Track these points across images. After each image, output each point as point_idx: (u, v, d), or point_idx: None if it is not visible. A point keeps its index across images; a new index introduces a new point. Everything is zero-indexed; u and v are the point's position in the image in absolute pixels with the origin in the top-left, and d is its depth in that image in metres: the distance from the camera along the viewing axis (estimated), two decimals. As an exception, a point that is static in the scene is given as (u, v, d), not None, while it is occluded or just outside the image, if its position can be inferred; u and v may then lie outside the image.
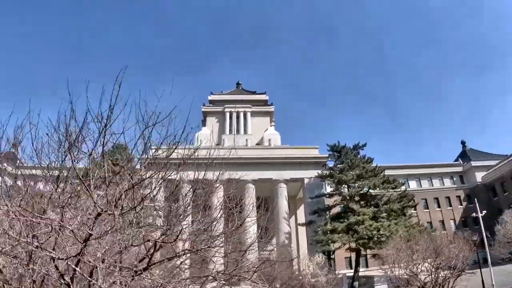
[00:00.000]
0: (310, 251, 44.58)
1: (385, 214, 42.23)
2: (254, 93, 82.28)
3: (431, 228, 54.58)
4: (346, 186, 45.45)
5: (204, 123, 72.74)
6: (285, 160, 53.80)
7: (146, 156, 7.86)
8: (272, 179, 53.12)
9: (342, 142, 49.96)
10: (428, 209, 69.25)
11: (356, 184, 44.17)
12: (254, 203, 16.08)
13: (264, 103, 78.30)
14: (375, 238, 39.55)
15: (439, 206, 70.41)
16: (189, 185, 9.76)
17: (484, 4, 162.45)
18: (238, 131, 70.76)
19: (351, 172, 44.37)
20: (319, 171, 49.70)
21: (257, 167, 52.13)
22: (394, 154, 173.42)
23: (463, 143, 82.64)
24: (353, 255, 48.68)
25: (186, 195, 9.22)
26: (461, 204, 71.02)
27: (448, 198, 71.25)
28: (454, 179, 73.75)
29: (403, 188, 49.50)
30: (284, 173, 53.22)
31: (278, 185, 53.15)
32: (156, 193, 8.42)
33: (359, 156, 47.21)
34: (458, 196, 71.94)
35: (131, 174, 7.33)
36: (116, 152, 8.06)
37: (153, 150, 8.06)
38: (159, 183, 8.07)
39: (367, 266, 54.72)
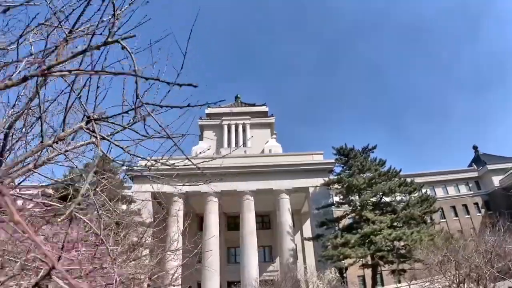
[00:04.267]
0: (319, 269, 39.46)
1: (403, 222, 36.83)
2: (253, 105, 78.64)
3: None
4: (357, 193, 40.11)
5: (201, 137, 68.63)
6: (286, 168, 48.50)
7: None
8: (273, 189, 48.23)
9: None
10: (445, 218, 63.99)
11: (369, 190, 38.68)
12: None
13: (264, 114, 74.44)
14: (395, 250, 34.32)
15: (456, 215, 65.43)
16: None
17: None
18: (237, 144, 66.52)
19: (362, 176, 39.34)
20: (325, 178, 44.77)
21: (256, 177, 47.51)
22: (401, 163, 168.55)
23: (475, 147, 78.43)
24: (368, 271, 43.41)
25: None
26: (479, 212, 65.96)
27: (465, 206, 66.19)
28: (470, 185, 68.88)
29: (422, 191, 44.39)
30: (286, 183, 48.16)
31: (280, 196, 48.00)
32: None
33: (369, 158, 42.36)
34: (476, 203, 66.85)
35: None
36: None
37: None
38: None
39: (382, 285, 49.41)
